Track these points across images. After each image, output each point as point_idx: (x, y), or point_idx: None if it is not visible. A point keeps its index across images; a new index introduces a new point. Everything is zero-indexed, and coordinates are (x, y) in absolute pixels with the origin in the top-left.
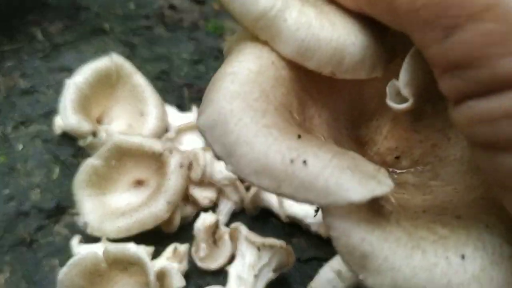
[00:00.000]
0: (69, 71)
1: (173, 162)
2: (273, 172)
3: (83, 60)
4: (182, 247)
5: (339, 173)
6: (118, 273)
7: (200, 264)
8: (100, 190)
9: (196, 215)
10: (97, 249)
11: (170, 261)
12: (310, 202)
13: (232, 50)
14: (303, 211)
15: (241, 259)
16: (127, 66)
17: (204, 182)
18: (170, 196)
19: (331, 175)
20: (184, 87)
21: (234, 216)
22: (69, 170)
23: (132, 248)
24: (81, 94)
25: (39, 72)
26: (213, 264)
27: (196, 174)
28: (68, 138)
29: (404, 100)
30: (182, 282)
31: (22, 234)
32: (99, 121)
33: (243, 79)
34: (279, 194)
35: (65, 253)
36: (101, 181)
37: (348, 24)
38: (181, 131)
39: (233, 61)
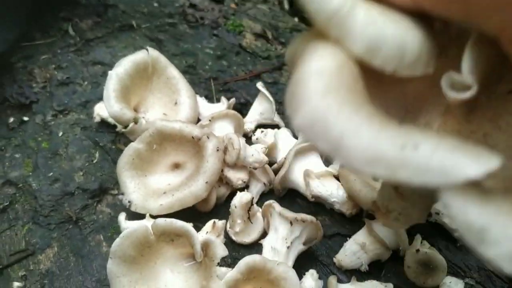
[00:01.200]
0: (102, 64)
1: (211, 146)
2: (386, 160)
3: (113, 54)
4: (220, 223)
5: (451, 153)
6: (164, 245)
7: (235, 238)
8: (142, 171)
9: (229, 196)
10: (145, 223)
11: (209, 235)
12: (428, 184)
13: (301, 52)
14: (327, 191)
15: (274, 233)
16: (162, 59)
17: (237, 164)
18: (209, 176)
19: (444, 156)
20: (210, 80)
21: (263, 197)
22: (108, 155)
23: (179, 221)
24: (122, 84)
25: (73, 65)
26: (247, 238)
27: (231, 157)
28: (106, 125)
29: (462, 90)
30: (225, 251)
31: (68, 212)
32: (135, 110)
33: (329, 75)
34: (395, 180)
35: (109, 230)
36: (143, 164)
37: (405, 21)
38: (214, 119)
39: (312, 61)
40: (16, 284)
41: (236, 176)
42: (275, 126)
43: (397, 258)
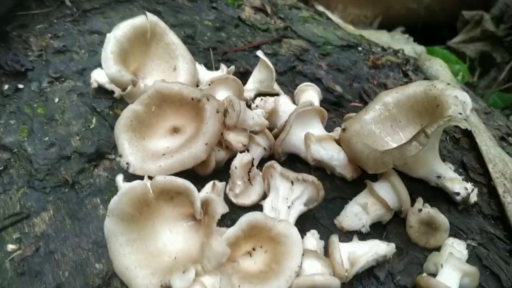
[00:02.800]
0: (99, 34)
1: (210, 107)
2: None
3: (111, 24)
4: (219, 184)
5: None
6: (163, 204)
7: (235, 200)
8: (140, 135)
9: (228, 160)
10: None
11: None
12: None
13: None
14: (328, 155)
15: (274, 193)
16: (161, 25)
17: (237, 127)
18: (208, 138)
19: None
20: (209, 49)
21: (263, 162)
22: (106, 120)
23: (179, 178)
24: (121, 47)
25: (70, 34)
26: (247, 200)
27: (231, 119)
28: (104, 92)
29: None
30: (226, 208)
31: (64, 176)
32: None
33: None
34: None
35: (105, 193)
36: (141, 126)
37: None
38: (213, 83)
39: None
40: (10, 246)
41: (236, 139)
42: (274, 95)
43: (399, 220)
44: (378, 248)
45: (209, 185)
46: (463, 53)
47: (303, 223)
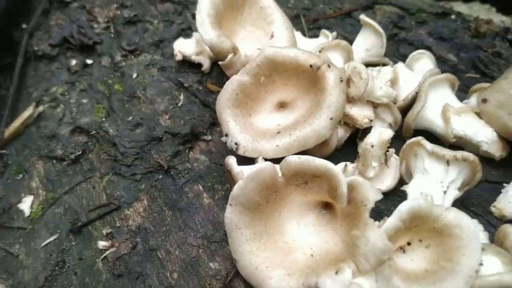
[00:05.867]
0: (172, 2)
1: (333, 75)
2: None
3: None
4: (351, 166)
5: None
6: (293, 190)
7: None
8: (246, 110)
9: (348, 139)
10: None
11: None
12: None
13: None
14: (473, 130)
15: (422, 176)
16: None
17: (361, 100)
18: (333, 111)
19: None
20: (297, 17)
21: None
22: (196, 97)
23: (317, 158)
24: (216, 9)
25: (139, 3)
26: (381, 186)
27: (358, 90)
28: (188, 65)
29: None
30: (379, 194)
31: (156, 160)
32: None
33: None
34: None
35: (208, 179)
36: (247, 100)
37: None
38: (324, 49)
39: None
40: (101, 243)
41: (361, 113)
42: (380, 65)
43: None
44: None
45: (339, 167)
46: None
47: None
